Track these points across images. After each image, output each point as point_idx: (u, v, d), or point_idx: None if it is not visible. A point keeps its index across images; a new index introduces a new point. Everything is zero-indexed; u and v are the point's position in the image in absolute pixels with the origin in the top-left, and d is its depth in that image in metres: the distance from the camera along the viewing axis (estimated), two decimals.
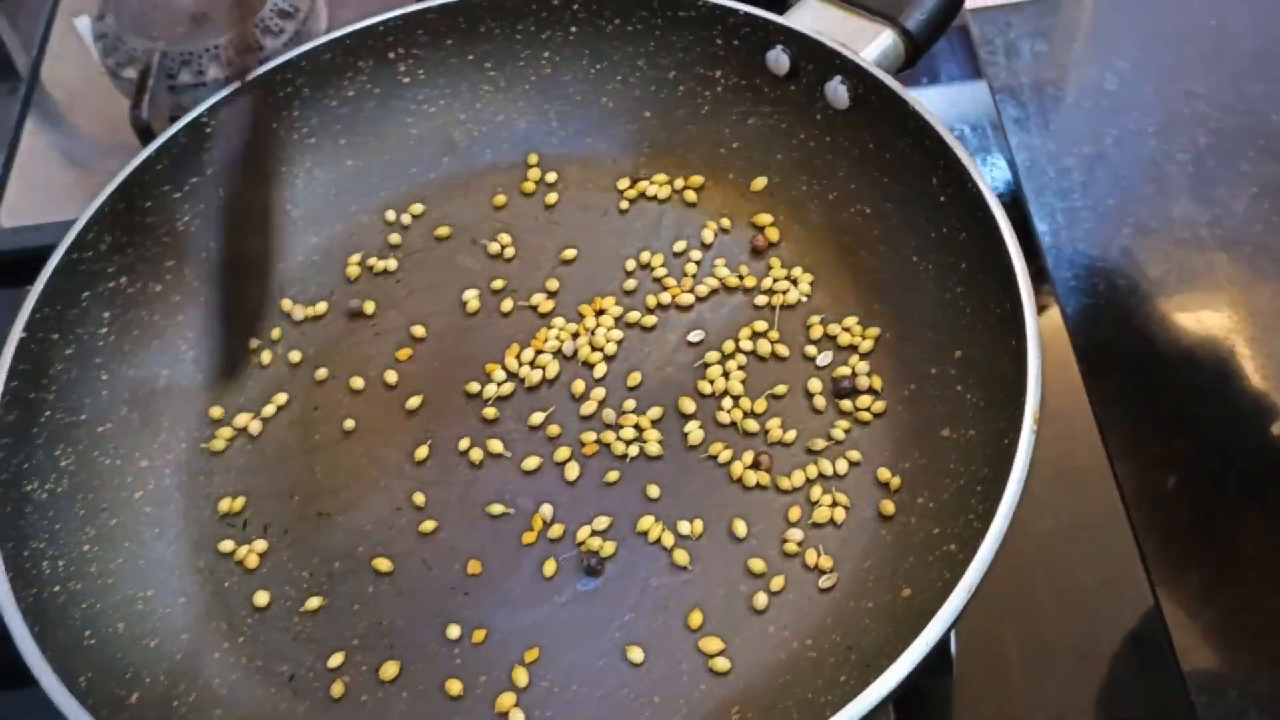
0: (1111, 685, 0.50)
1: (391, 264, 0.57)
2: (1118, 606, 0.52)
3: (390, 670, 0.46)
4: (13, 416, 0.47)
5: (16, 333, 0.49)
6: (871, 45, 0.53)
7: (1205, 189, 0.75)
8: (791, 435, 0.50)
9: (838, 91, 0.53)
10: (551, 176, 0.59)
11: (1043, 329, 0.58)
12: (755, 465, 0.50)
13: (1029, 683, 0.49)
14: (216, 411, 0.53)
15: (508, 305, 0.56)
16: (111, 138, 0.70)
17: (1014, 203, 0.65)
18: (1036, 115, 0.81)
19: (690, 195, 0.58)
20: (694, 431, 0.50)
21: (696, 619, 0.46)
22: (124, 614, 0.47)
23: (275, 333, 0.55)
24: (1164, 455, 0.66)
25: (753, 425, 0.51)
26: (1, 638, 0.46)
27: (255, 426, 0.53)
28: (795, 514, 0.49)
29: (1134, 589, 0.52)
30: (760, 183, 0.57)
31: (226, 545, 0.50)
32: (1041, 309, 0.60)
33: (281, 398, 0.54)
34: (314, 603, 0.48)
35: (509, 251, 0.57)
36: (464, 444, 0.51)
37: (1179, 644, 0.51)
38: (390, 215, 0.59)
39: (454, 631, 0.47)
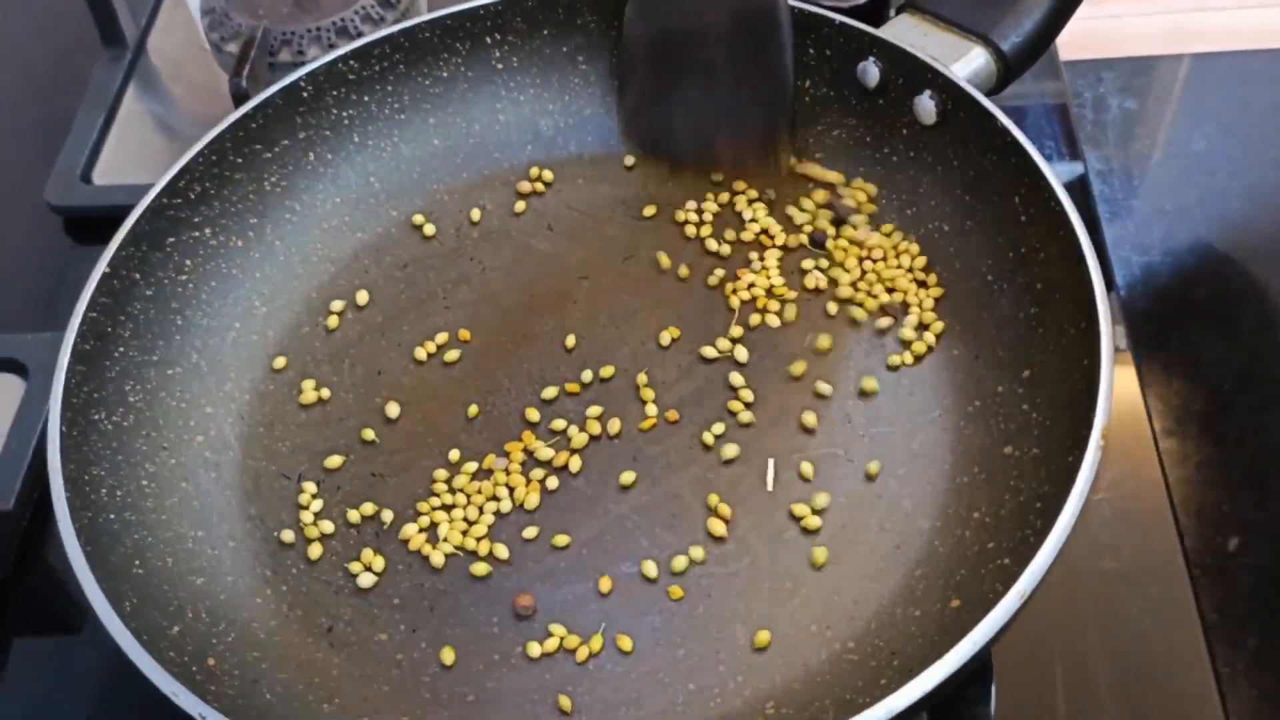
0: None
1: (469, 241, 0.58)
2: (1171, 656, 0.50)
3: (428, 632, 0.46)
4: (89, 346, 0.48)
5: (101, 266, 0.50)
6: (963, 62, 0.53)
7: None
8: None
9: (926, 106, 0.54)
10: (639, 172, 0.60)
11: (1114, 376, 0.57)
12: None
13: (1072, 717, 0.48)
14: (280, 362, 0.54)
15: (567, 286, 0.56)
16: (207, 110, 0.72)
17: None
18: (1120, 170, 0.81)
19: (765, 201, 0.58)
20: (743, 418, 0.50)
21: (741, 612, 0.46)
22: (173, 550, 0.47)
23: (337, 304, 0.56)
24: (1229, 517, 0.64)
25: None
26: (58, 579, 0.47)
27: (320, 383, 0.53)
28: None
29: (1188, 638, 0.51)
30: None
31: (280, 496, 0.50)
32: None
33: (346, 360, 0.54)
34: (358, 565, 0.48)
35: (584, 236, 0.58)
36: (522, 412, 0.52)
37: (1233, 707, 0.50)
38: (471, 195, 0.59)
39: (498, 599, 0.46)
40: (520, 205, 0.59)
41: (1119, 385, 0.58)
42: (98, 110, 0.72)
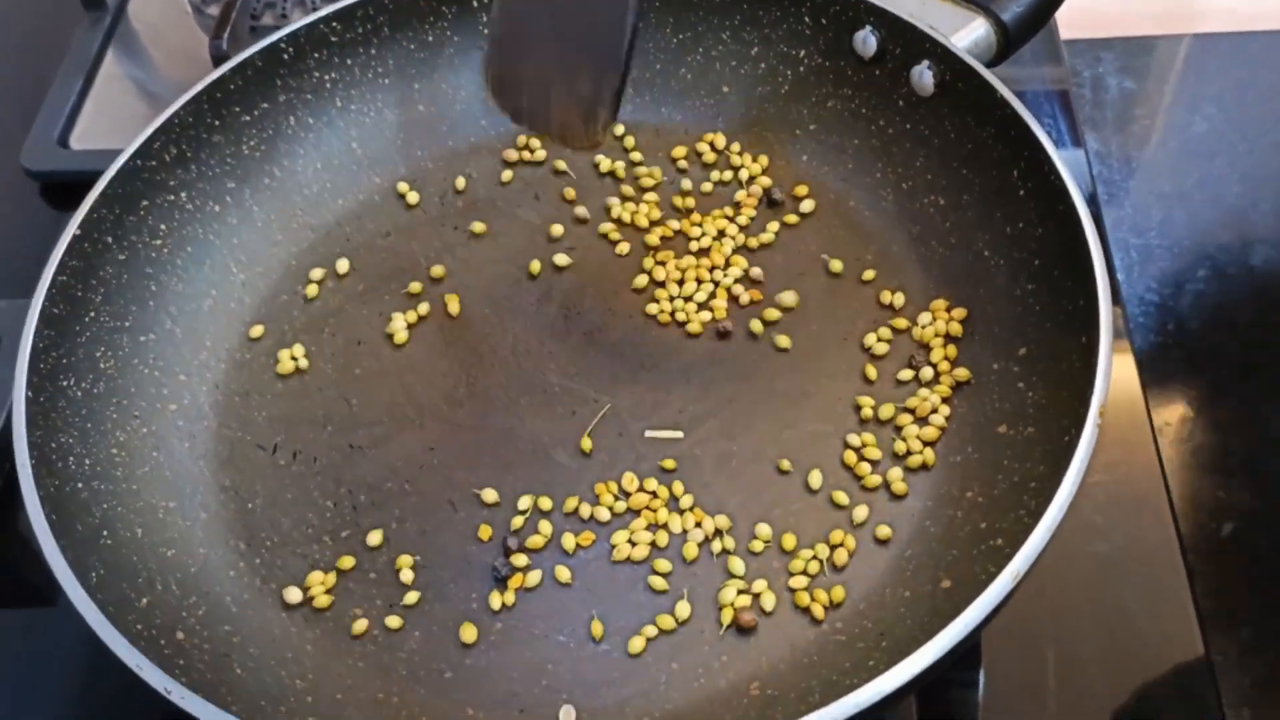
0: (1143, 712, 0.48)
1: (453, 210, 0.57)
2: (1162, 639, 0.50)
3: (404, 608, 0.45)
4: (57, 310, 0.47)
5: (71, 229, 0.48)
6: (963, 32, 0.52)
7: None
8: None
9: (924, 77, 0.52)
10: (630, 141, 0.58)
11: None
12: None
13: (1060, 708, 0.47)
14: (257, 331, 0.52)
15: (562, 260, 0.55)
16: (188, 74, 0.70)
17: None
18: (1119, 151, 0.80)
19: (758, 172, 0.57)
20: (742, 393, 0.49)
21: (728, 594, 0.45)
22: (144, 520, 0.46)
23: (317, 273, 0.54)
24: (1225, 503, 0.63)
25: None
26: (31, 553, 0.46)
27: (298, 353, 0.52)
28: (841, 499, 0.47)
29: (1181, 624, 0.50)
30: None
31: (255, 466, 0.49)
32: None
33: (326, 329, 0.53)
34: (336, 546, 0.47)
35: (570, 208, 0.57)
36: (503, 389, 0.50)
37: (1226, 696, 0.49)
38: (456, 163, 0.58)
39: (476, 576, 0.45)
40: (507, 174, 0.58)
41: (1115, 368, 0.57)
42: (76, 74, 0.70)
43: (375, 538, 0.47)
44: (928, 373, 0.49)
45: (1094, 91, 0.83)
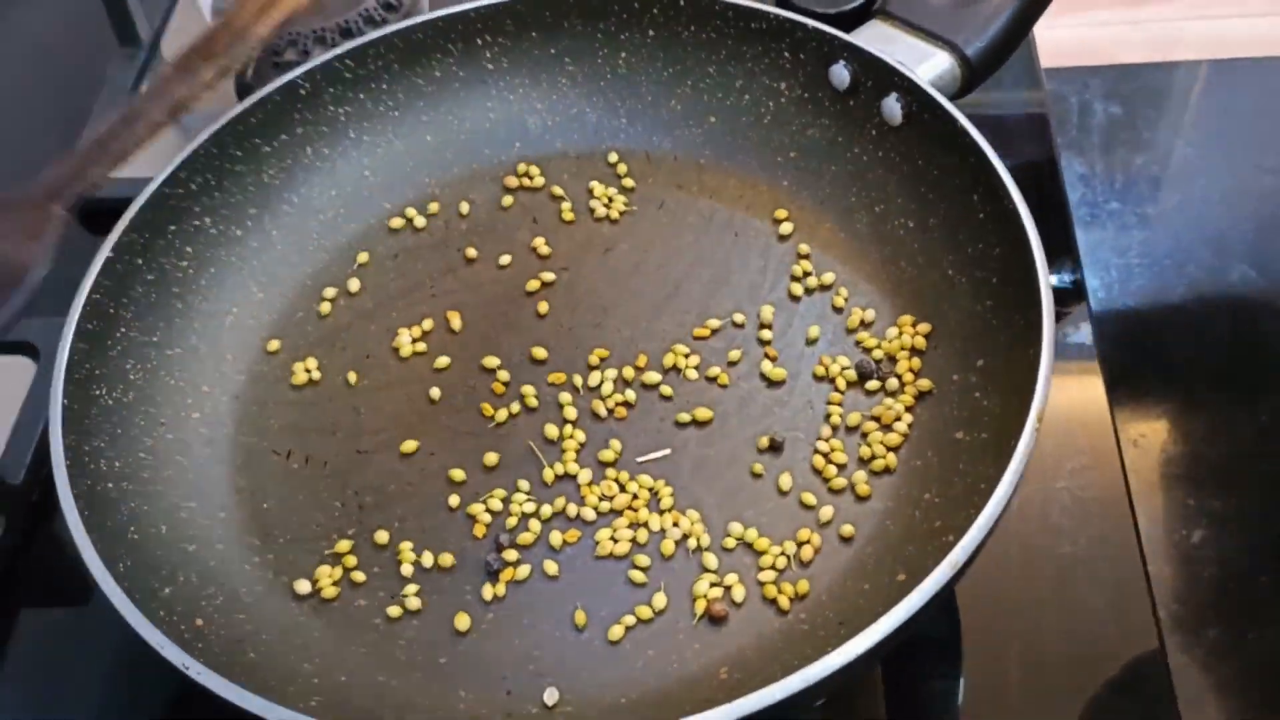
0: (1104, 708, 0.51)
1: (457, 233, 0.61)
2: (1123, 639, 0.52)
3: (407, 600, 0.49)
4: (91, 325, 0.51)
5: (104, 251, 0.53)
6: (928, 65, 0.56)
7: (1265, 260, 0.76)
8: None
9: (893, 108, 0.56)
10: (622, 169, 0.62)
11: (1079, 374, 0.59)
12: (771, 448, 0.52)
13: (1024, 704, 0.50)
14: (274, 345, 0.56)
15: (549, 276, 0.59)
16: (216, 107, 0.74)
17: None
18: (1103, 174, 0.82)
19: (744, 201, 0.60)
20: (701, 410, 0.53)
21: (702, 586, 0.48)
22: (167, 518, 0.50)
23: (330, 291, 0.58)
24: (1195, 510, 0.66)
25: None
26: (65, 553, 0.50)
27: (311, 365, 0.56)
28: (810, 500, 0.50)
29: (1141, 625, 0.52)
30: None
31: (269, 470, 0.53)
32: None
33: (337, 343, 0.57)
34: (343, 543, 0.50)
35: (567, 229, 0.61)
36: (501, 396, 0.54)
37: (1183, 696, 0.51)
38: (460, 189, 0.62)
39: (470, 569, 0.49)
40: (507, 199, 0.62)
41: (1085, 380, 0.60)
42: (112, 106, 0.75)
43: (379, 536, 0.51)
44: (893, 383, 0.53)
45: (1080, 117, 0.86)
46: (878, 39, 0.57)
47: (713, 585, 0.48)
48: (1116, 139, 0.84)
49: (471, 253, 0.60)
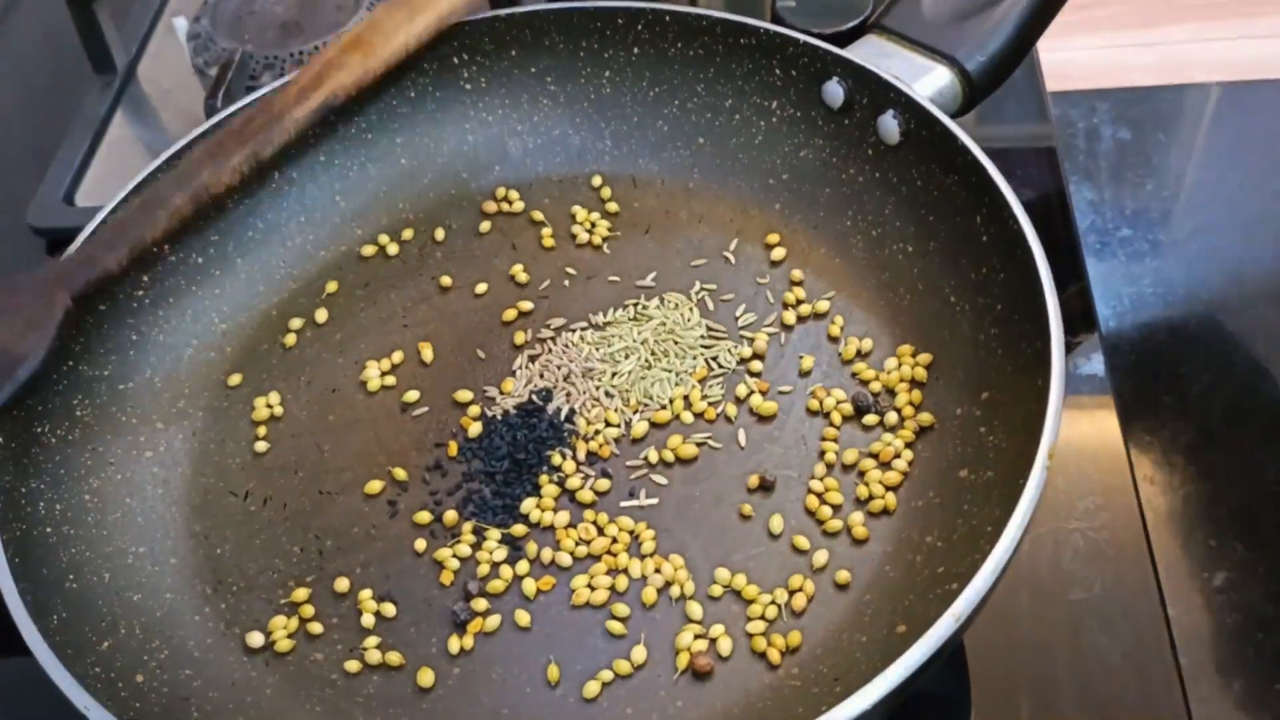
0: None
1: (432, 260, 0.58)
2: (1141, 690, 0.49)
3: (367, 654, 0.45)
4: None
5: None
6: (926, 80, 0.53)
7: None
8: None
9: (890, 126, 0.53)
10: (606, 192, 0.59)
11: (1091, 407, 0.56)
12: (762, 487, 0.48)
13: None
14: (235, 379, 0.53)
15: (527, 306, 0.56)
16: (180, 128, 0.72)
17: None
18: (1113, 200, 0.80)
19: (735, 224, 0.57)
20: (686, 447, 0.50)
21: (685, 639, 0.45)
22: (112, 565, 0.47)
23: (296, 322, 0.55)
24: (1216, 552, 0.63)
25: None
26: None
27: (274, 400, 0.53)
28: (802, 543, 0.47)
29: (1161, 675, 0.49)
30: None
31: (226, 512, 0.49)
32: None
33: (303, 377, 0.54)
34: (301, 589, 0.47)
35: (547, 256, 0.58)
36: (474, 436, 0.51)
37: None
38: (436, 215, 0.59)
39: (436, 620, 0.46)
40: (485, 225, 0.59)
41: (1096, 414, 0.57)
42: (84, 134, 0.72)
43: (340, 583, 0.47)
44: (892, 418, 0.49)
45: (1088, 142, 0.83)
46: (873, 54, 0.54)
47: (697, 637, 0.45)
48: (1126, 163, 0.81)
49: (446, 281, 0.57)
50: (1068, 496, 0.52)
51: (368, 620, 0.46)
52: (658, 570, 0.46)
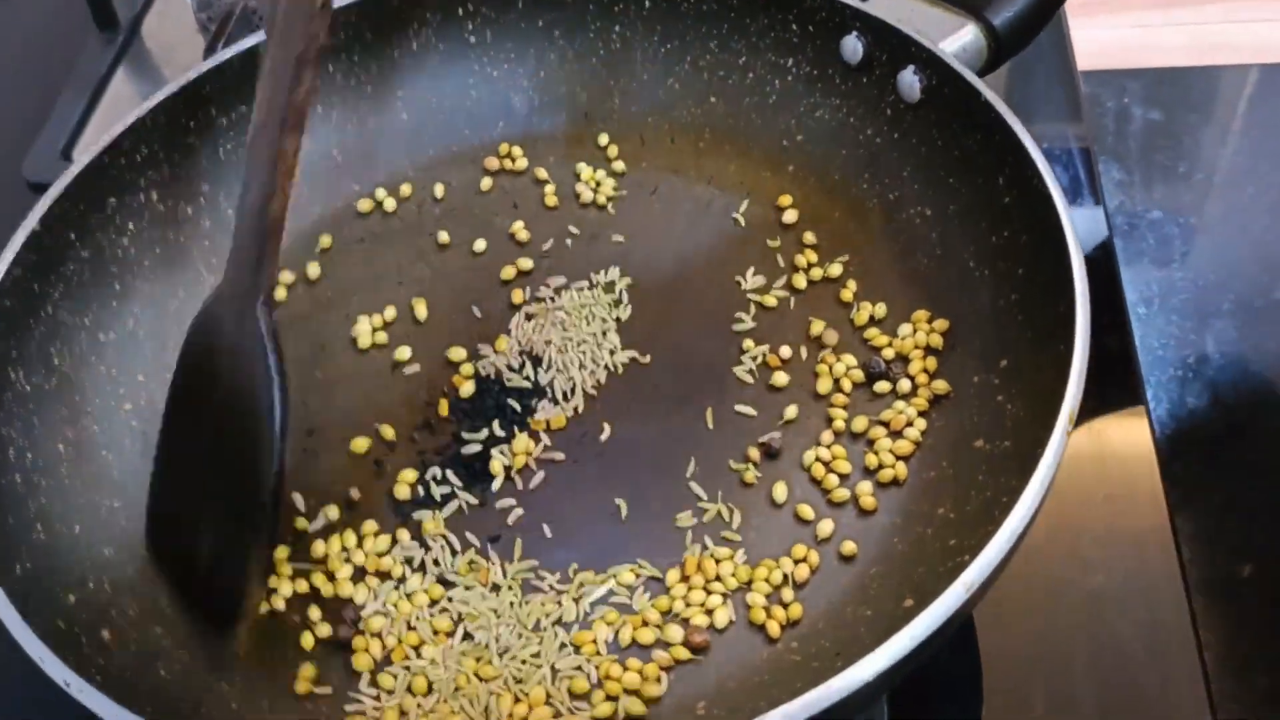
0: None
1: (430, 217, 0.55)
2: (1161, 681, 0.46)
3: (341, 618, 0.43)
4: (9, 303, 0.46)
5: (30, 223, 0.48)
6: (952, 38, 0.50)
7: None
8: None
9: (910, 83, 0.50)
10: (613, 151, 0.57)
11: (1115, 388, 0.54)
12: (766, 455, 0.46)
13: None
14: None
15: (527, 264, 0.54)
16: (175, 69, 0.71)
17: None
18: (1142, 182, 0.77)
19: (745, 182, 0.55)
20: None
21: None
22: (83, 518, 0.45)
23: (287, 276, 0.53)
24: (1246, 542, 0.60)
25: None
26: None
27: None
28: (807, 513, 0.44)
29: (1183, 667, 0.47)
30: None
31: None
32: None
33: (291, 333, 0.52)
34: (281, 548, 0.45)
35: (550, 215, 0.56)
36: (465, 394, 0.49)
37: None
38: (436, 171, 0.57)
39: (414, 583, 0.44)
40: (487, 182, 0.57)
41: (1121, 393, 0.54)
42: (84, 90, 0.71)
43: (318, 546, 0.45)
44: (905, 385, 0.47)
45: (1117, 122, 0.80)
46: (894, 8, 0.52)
47: (689, 605, 0.42)
48: (1155, 145, 0.79)
49: (444, 238, 0.55)
50: (1088, 481, 0.50)
51: (344, 588, 0.44)
52: None
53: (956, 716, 0.45)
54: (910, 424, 0.46)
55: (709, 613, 0.42)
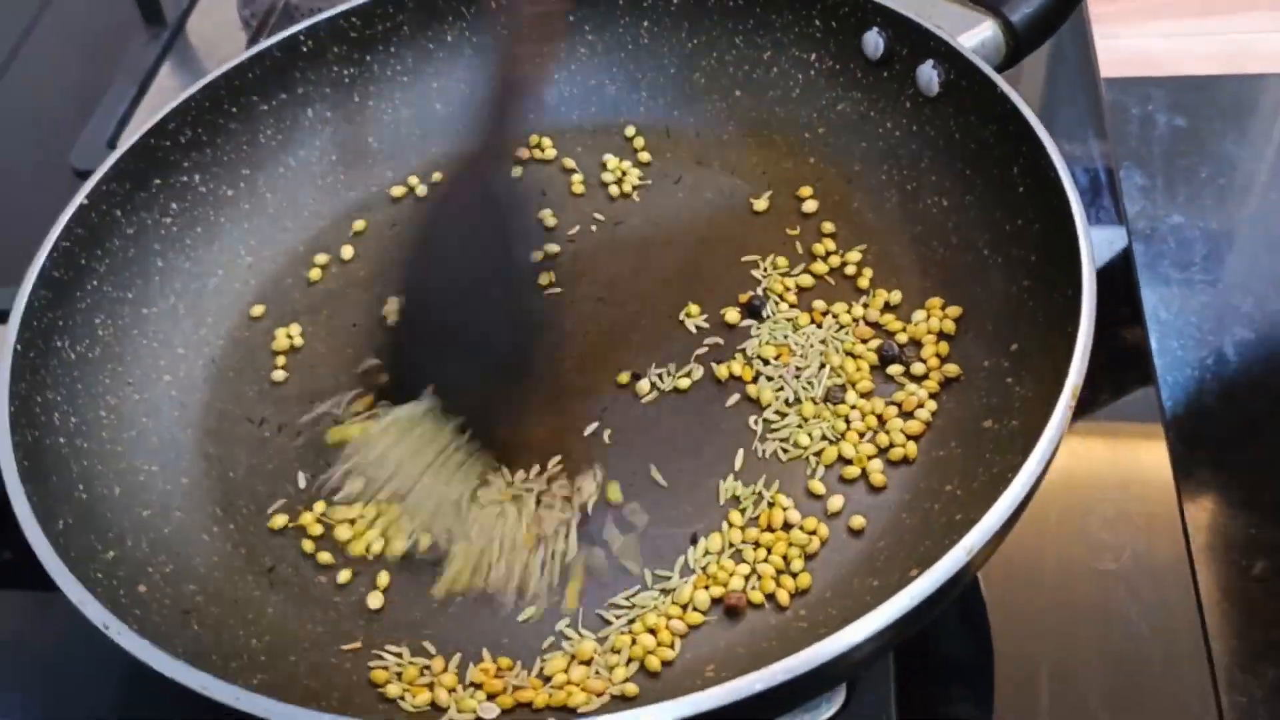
0: None
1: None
2: (1167, 663, 0.47)
3: (368, 579, 0.45)
4: (58, 273, 0.48)
5: (79, 198, 0.50)
6: (971, 33, 0.52)
7: None
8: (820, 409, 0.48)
9: (929, 76, 0.52)
10: (639, 142, 0.59)
11: (1130, 382, 0.54)
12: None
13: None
14: (258, 310, 0.53)
15: (553, 249, 0.55)
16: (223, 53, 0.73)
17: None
18: (1164, 186, 0.78)
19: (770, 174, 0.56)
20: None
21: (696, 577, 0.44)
22: (123, 481, 0.46)
23: (321, 257, 0.55)
24: (1258, 540, 0.61)
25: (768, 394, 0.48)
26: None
27: (294, 331, 0.53)
28: (818, 489, 0.46)
29: (1190, 652, 0.47)
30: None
31: (240, 437, 0.49)
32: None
33: (324, 310, 0.54)
34: (309, 515, 0.47)
35: (576, 203, 0.57)
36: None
37: None
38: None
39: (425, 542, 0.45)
40: (516, 171, 0.58)
41: (1136, 397, 0.55)
42: (131, 83, 0.73)
43: (349, 510, 0.47)
44: (918, 368, 0.48)
45: (1141, 128, 0.81)
46: (915, 4, 0.53)
47: (705, 570, 0.43)
48: (1178, 151, 0.80)
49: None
50: (1100, 468, 0.51)
51: (375, 547, 0.45)
52: None
53: (967, 694, 0.46)
54: (921, 405, 0.47)
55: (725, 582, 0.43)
